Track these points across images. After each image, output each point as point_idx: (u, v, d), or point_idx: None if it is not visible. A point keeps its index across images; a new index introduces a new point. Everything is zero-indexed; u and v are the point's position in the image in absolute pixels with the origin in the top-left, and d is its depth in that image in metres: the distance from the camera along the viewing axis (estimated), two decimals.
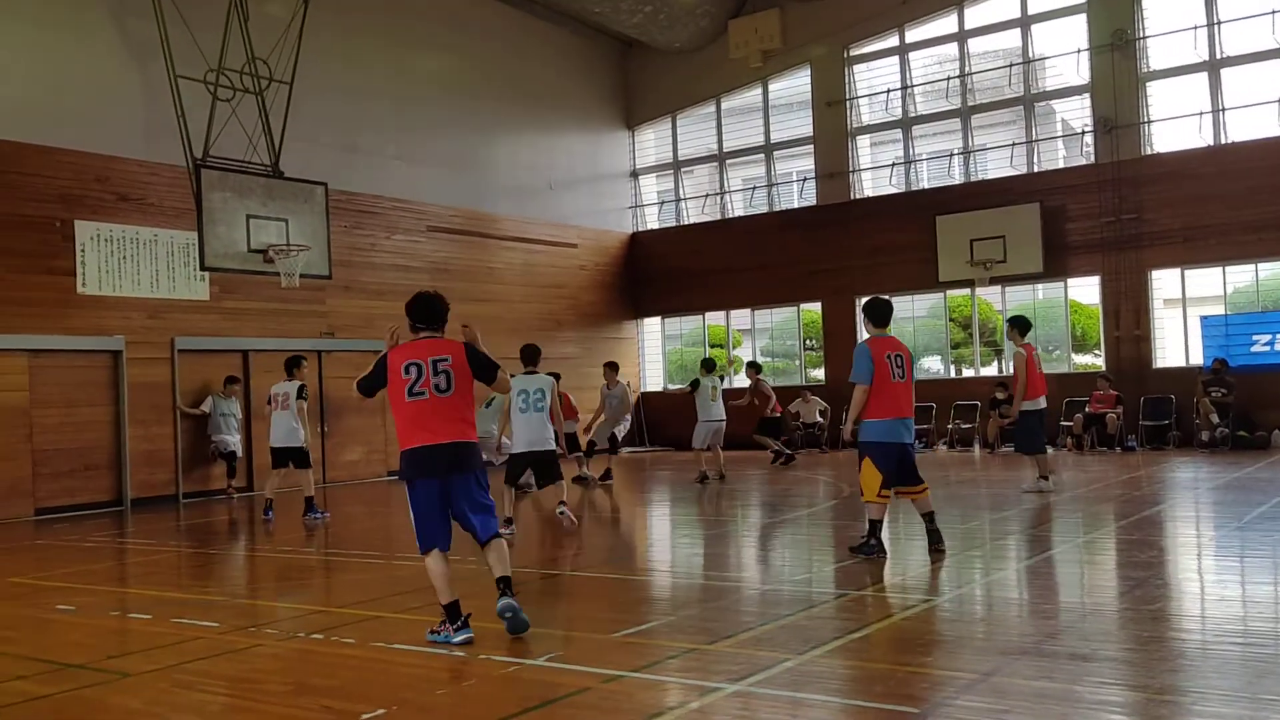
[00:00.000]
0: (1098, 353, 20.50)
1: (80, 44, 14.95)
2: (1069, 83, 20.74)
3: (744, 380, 24.22)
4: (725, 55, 22.95)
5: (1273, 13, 17.98)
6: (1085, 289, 20.20)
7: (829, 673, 5.11)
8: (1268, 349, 17.80)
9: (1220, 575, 7.61)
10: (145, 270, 15.38)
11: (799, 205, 23.07)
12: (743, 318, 23.90)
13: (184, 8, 14.34)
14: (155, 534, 12.18)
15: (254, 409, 16.11)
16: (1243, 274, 18.85)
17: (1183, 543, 9.00)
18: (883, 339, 8.27)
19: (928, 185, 21.78)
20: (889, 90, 21.73)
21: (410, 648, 5.82)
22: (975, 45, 21.27)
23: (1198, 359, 18.40)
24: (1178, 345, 18.91)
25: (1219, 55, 18.57)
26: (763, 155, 23.47)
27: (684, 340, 25.55)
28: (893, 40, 21.74)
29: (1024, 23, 20.42)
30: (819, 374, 22.43)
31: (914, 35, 21.60)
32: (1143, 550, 8.24)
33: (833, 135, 22.17)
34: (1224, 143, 18.48)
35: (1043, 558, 8.29)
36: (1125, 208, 18.88)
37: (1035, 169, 20.30)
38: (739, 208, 24.13)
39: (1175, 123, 19.11)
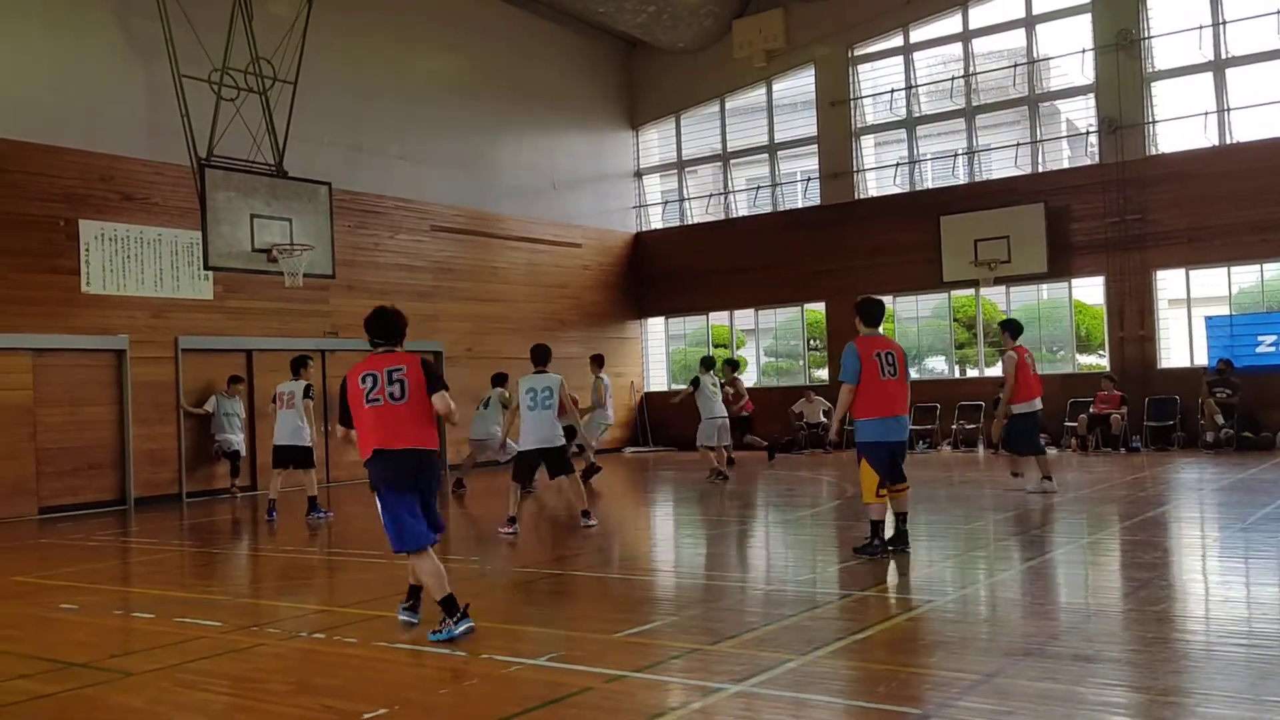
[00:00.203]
0: (1102, 353, 20.47)
1: (84, 43, 14.98)
2: (1074, 83, 20.70)
3: (747, 381, 24.35)
4: (729, 55, 22.94)
5: (1277, 12, 17.93)
6: (1090, 289, 20.15)
7: (832, 673, 5.11)
8: (1273, 350, 17.73)
9: (1224, 576, 7.59)
10: (149, 269, 15.40)
11: (803, 205, 23.07)
12: (746, 318, 23.87)
13: (188, 7, 14.37)
14: (158, 533, 12.19)
15: (257, 408, 16.16)
16: (1248, 274, 18.81)
17: (1187, 544, 8.99)
18: (872, 338, 8.29)
19: (932, 185, 21.76)
20: (893, 90, 21.71)
21: (412, 647, 5.82)
22: (980, 45, 21.24)
23: (1202, 360, 18.34)
24: (1182, 346, 18.87)
25: (1224, 55, 18.52)
26: (767, 155, 23.45)
27: (688, 340, 25.56)
28: (897, 40, 21.72)
29: (1028, 23, 20.38)
30: (822, 374, 22.41)
31: (918, 35, 21.58)
32: (1147, 551, 8.22)
33: (837, 135, 22.15)
34: (1229, 143, 18.43)
35: (1046, 558, 8.27)
36: (1130, 208, 18.84)
37: (1040, 169, 20.26)
38: (743, 208, 24.13)
39: (1180, 123, 19.08)
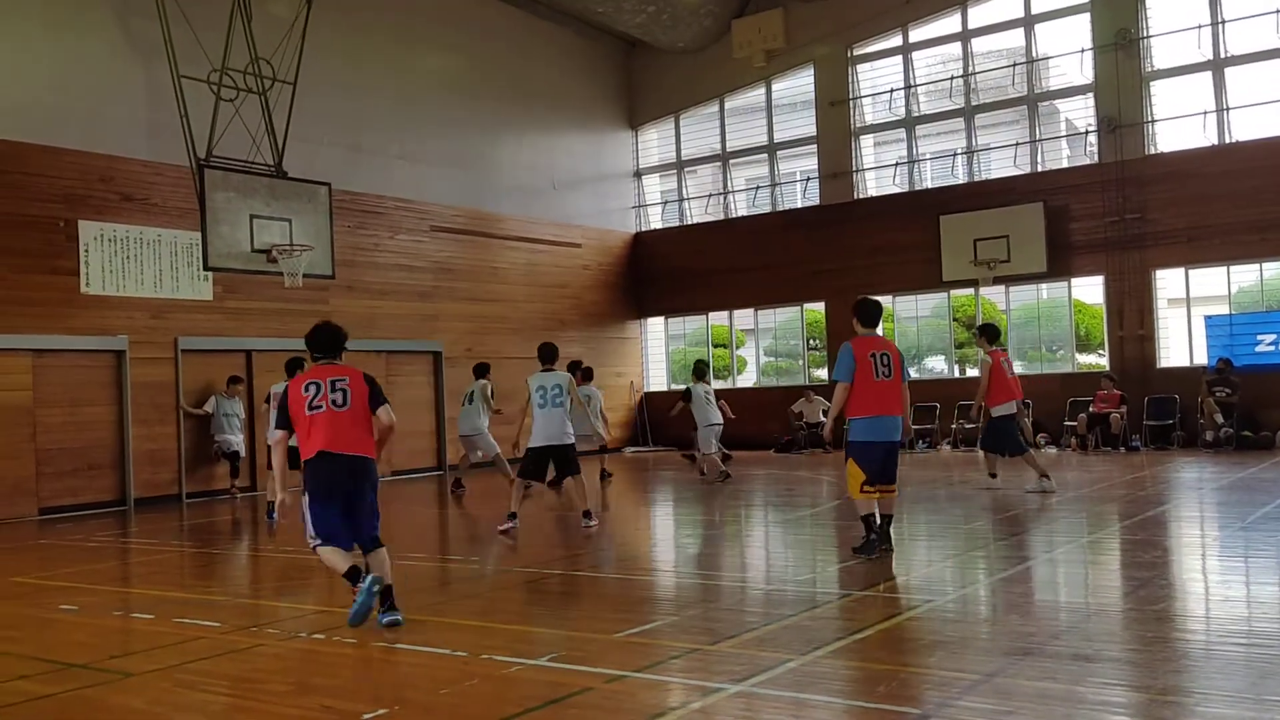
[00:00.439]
0: (1102, 352, 20.47)
1: (84, 44, 14.97)
2: (1073, 82, 20.70)
3: (746, 380, 24.39)
4: (728, 55, 22.94)
5: (1277, 12, 17.93)
6: (1089, 289, 20.15)
7: (832, 673, 5.11)
8: (1272, 349, 17.73)
9: (1224, 576, 7.59)
10: (149, 270, 15.40)
11: (802, 205, 23.08)
12: (746, 317, 23.87)
13: (187, 7, 14.36)
14: (158, 534, 12.19)
15: (257, 409, 16.13)
16: (1247, 273, 18.81)
17: (1187, 543, 8.99)
18: (868, 338, 8.34)
19: (931, 185, 21.76)
20: (892, 90, 21.71)
21: (412, 647, 5.82)
22: (979, 45, 21.24)
23: (1202, 359, 18.35)
24: (1182, 345, 18.87)
25: (1223, 54, 18.52)
26: (766, 155, 23.44)
27: (687, 340, 25.55)
28: (896, 40, 21.71)
29: (1027, 22, 20.38)
30: (822, 374, 22.40)
31: (917, 35, 21.58)
32: (1146, 550, 8.23)
33: (836, 135, 22.15)
34: (1228, 142, 18.43)
35: (1046, 558, 8.28)
36: (1129, 207, 18.84)
37: (1039, 169, 20.27)
38: (742, 207, 24.13)
39: (1179, 122, 19.08)
